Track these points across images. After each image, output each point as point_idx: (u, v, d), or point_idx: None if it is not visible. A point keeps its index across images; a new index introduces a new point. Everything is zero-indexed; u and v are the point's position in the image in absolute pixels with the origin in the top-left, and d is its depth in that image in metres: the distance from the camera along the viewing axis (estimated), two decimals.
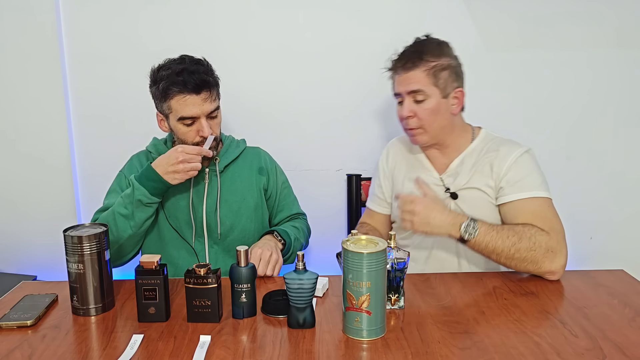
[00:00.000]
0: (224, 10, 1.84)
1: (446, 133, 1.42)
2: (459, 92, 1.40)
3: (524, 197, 1.32)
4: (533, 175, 1.35)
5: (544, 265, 1.24)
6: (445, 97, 1.38)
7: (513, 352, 0.95)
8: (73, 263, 1.10)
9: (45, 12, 1.82)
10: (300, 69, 1.88)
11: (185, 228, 1.46)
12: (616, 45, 1.84)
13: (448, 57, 1.38)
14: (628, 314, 1.09)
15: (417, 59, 1.36)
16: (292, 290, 1.02)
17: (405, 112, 1.39)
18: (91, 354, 0.97)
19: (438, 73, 1.36)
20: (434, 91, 1.36)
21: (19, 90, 1.88)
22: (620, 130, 1.90)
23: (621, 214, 1.95)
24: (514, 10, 1.82)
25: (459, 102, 1.41)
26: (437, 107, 1.37)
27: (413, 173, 1.49)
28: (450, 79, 1.38)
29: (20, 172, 1.94)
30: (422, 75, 1.36)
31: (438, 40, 1.40)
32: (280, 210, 1.60)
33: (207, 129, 1.38)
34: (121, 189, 1.46)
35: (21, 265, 1.99)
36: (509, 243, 1.23)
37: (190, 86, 1.34)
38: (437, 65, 1.36)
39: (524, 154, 1.37)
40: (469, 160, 1.43)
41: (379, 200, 1.60)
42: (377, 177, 1.62)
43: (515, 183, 1.34)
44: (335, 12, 1.84)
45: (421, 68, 1.35)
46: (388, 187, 1.58)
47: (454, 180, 1.42)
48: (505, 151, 1.39)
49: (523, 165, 1.36)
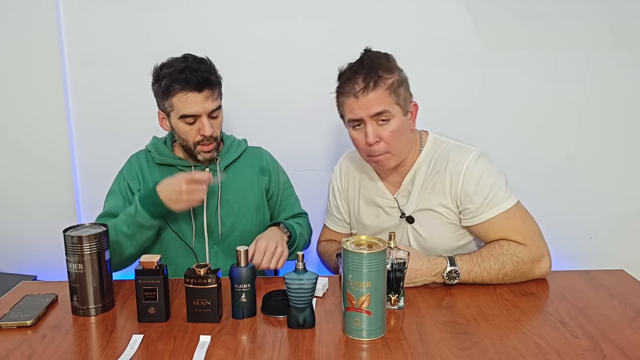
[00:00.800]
0: (225, 9, 1.84)
1: (408, 151, 1.34)
2: (414, 107, 1.32)
3: (493, 215, 1.26)
4: (495, 186, 1.27)
5: (534, 274, 1.24)
6: (405, 114, 1.28)
7: (513, 352, 0.94)
8: (73, 263, 1.10)
9: (46, 11, 1.82)
10: (301, 68, 1.87)
11: (186, 229, 1.46)
12: (614, 45, 1.84)
13: (398, 70, 1.28)
14: (628, 315, 1.08)
15: (376, 77, 1.23)
16: (292, 291, 1.02)
17: (372, 138, 1.25)
18: (91, 354, 0.97)
19: (397, 89, 1.25)
20: (397, 110, 1.25)
21: (20, 88, 1.89)
22: (620, 130, 1.90)
23: (621, 214, 1.95)
24: (513, 11, 1.82)
25: (413, 116, 1.33)
26: (400, 127, 1.27)
27: (367, 194, 1.44)
28: (407, 93, 1.29)
29: (20, 170, 1.94)
30: (385, 95, 1.23)
31: (384, 54, 1.29)
32: (282, 210, 1.59)
33: (208, 128, 1.37)
34: (120, 190, 1.46)
35: (21, 265, 1.99)
36: (494, 272, 1.21)
37: (192, 84, 1.33)
38: (394, 81, 1.25)
39: (477, 160, 1.28)
40: (419, 176, 1.35)
41: (338, 220, 1.55)
42: (332, 196, 1.55)
43: (482, 203, 1.26)
44: (336, 12, 1.83)
45: (382, 87, 1.23)
46: (344, 206, 1.52)
47: (407, 202, 1.36)
48: (454, 163, 1.30)
49: (481, 175, 1.27)
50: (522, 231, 1.26)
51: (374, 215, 1.44)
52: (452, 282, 1.21)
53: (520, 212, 1.28)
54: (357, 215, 1.48)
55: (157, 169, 1.47)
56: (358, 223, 1.49)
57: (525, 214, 1.29)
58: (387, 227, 1.41)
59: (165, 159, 1.46)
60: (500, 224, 1.27)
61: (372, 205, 1.44)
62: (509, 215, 1.27)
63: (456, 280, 1.21)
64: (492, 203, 1.27)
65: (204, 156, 1.42)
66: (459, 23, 1.82)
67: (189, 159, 1.48)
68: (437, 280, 1.22)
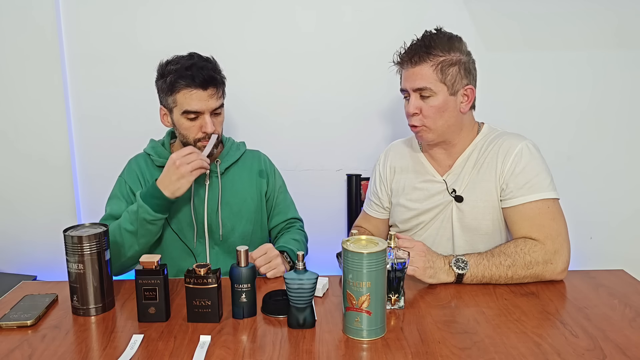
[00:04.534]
0: (224, 11, 1.84)
1: (453, 132, 1.37)
2: (469, 90, 1.35)
3: (530, 200, 1.28)
4: (542, 174, 1.30)
5: (546, 276, 1.23)
6: (453, 94, 1.32)
7: (513, 352, 0.94)
8: (73, 263, 1.10)
9: (45, 13, 1.82)
10: (300, 69, 1.88)
11: (187, 229, 1.46)
12: (616, 45, 1.84)
13: (458, 52, 1.32)
14: (629, 314, 1.08)
15: (425, 53, 1.30)
16: (292, 290, 1.02)
17: (411, 109, 1.34)
18: (91, 354, 0.97)
19: (446, 69, 1.30)
20: (441, 88, 1.31)
21: (19, 90, 1.89)
22: (620, 130, 1.90)
23: (621, 213, 1.95)
24: (513, 11, 1.82)
25: (469, 100, 1.35)
26: (443, 105, 1.32)
27: (415, 178, 1.46)
28: (460, 75, 1.32)
29: (21, 172, 1.94)
30: (429, 71, 1.30)
31: (449, 34, 1.34)
32: (276, 213, 1.59)
33: (210, 125, 1.38)
34: (122, 194, 1.46)
35: (21, 265, 1.99)
36: (503, 268, 1.21)
37: (198, 81, 1.35)
38: (445, 60, 1.30)
39: (530, 146, 1.33)
40: (472, 158, 1.39)
41: (375, 205, 1.58)
42: (373, 181, 1.58)
43: (523, 185, 1.29)
44: (335, 12, 1.84)
45: (428, 63, 1.30)
46: (385, 192, 1.55)
47: (456, 180, 1.39)
48: (508, 145, 1.34)
49: (529, 161, 1.31)
50: (547, 229, 1.25)
51: (421, 199, 1.44)
52: (461, 273, 1.21)
53: (554, 209, 1.28)
54: (400, 199, 1.48)
55: (157, 171, 1.47)
56: (399, 206, 1.49)
57: (558, 213, 1.28)
58: (431, 207, 1.42)
59: (165, 161, 1.46)
60: (531, 214, 1.27)
61: (419, 189, 1.45)
62: (542, 208, 1.27)
63: (465, 270, 1.20)
64: (533, 188, 1.28)
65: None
66: (459, 24, 1.82)
67: None
68: (449, 277, 1.22)
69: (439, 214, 1.41)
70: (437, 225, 1.43)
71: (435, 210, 1.42)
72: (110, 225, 1.36)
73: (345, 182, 1.93)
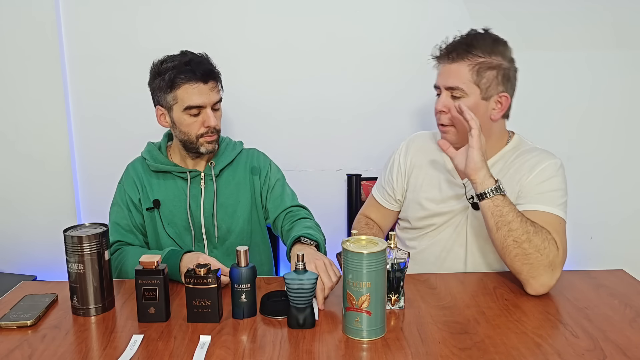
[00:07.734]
0: (223, 9, 1.84)
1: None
2: (504, 97, 1.28)
3: (537, 209, 1.22)
4: (558, 192, 1.25)
5: (538, 275, 1.15)
6: (485, 99, 1.27)
7: (514, 352, 0.94)
8: (73, 263, 1.10)
9: (46, 12, 1.82)
10: (299, 69, 1.88)
11: (185, 234, 1.46)
12: (615, 45, 1.84)
13: (500, 57, 1.26)
14: (629, 315, 1.08)
15: (464, 51, 1.25)
16: (292, 291, 1.02)
17: (439, 106, 1.30)
18: (91, 354, 0.97)
19: (483, 71, 1.25)
20: (473, 90, 1.26)
21: (19, 91, 1.89)
22: (620, 131, 1.91)
23: (621, 213, 1.95)
24: (513, 11, 1.82)
25: (502, 108, 1.29)
26: (473, 108, 1.24)
27: (435, 177, 1.42)
28: (496, 80, 1.26)
29: (21, 173, 1.94)
30: (465, 71, 1.25)
31: (495, 37, 1.28)
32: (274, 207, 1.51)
33: (212, 119, 1.39)
34: (122, 202, 1.45)
35: (21, 265, 1.99)
36: (525, 227, 1.14)
37: (199, 74, 1.35)
38: (484, 62, 1.25)
39: (557, 165, 1.29)
40: (496, 167, 1.33)
41: (388, 196, 1.52)
42: (390, 170, 1.51)
43: (536, 194, 1.25)
44: (334, 12, 1.84)
45: (466, 62, 1.25)
46: (400, 184, 1.49)
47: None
48: (536, 161, 1.29)
49: (551, 177, 1.27)
50: (561, 240, 1.19)
51: (437, 200, 1.41)
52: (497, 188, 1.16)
53: (560, 228, 1.22)
54: (416, 196, 1.44)
55: (154, 175, 1.47)
56: (414, 203, 1.45)
57: (563, 234, 1.22)
58: (447, 211, 1.39)
59: (161, 166, 1.45)
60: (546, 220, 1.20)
61: (437, 189, 1.41)
62: (556, 220, 1.22)
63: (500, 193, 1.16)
64: (545, 201, 1.23)
65: (207, 147, 1.42)
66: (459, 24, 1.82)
67: (185, 163, 1.48)
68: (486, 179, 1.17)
69: (453, 218, 1.39)
70: (450, 230, 1.40)
71: (450, 214, 1.39)
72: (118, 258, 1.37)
73: (345, 182, 1.93)
